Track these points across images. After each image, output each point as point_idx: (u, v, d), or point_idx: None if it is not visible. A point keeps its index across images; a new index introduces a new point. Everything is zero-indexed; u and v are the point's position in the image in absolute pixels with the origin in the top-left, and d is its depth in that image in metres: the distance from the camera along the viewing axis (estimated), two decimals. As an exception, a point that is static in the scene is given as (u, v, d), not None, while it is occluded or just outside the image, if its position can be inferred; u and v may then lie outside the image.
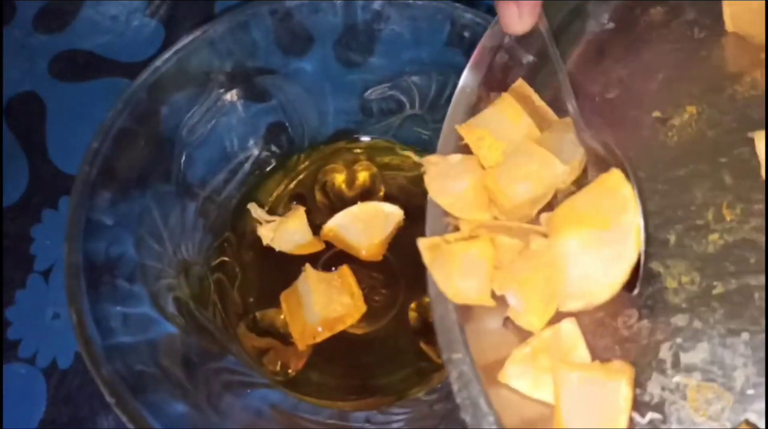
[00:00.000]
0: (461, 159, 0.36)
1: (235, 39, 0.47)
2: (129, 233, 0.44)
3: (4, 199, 0.56)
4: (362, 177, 0.52)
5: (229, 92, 0.49)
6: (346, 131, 0.53)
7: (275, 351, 0.48)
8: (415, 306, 0.48)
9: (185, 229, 0.48)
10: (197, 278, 0.48)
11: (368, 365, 0.47)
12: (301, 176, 0.53)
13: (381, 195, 0.52)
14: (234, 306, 0.49)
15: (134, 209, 0.45)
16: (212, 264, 0.50)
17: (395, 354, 0.48)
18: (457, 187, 0.35)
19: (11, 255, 0.54)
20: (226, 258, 0.50)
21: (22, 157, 0.57)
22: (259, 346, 0.48)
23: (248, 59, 0.49)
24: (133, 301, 0.43)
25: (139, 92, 0.45)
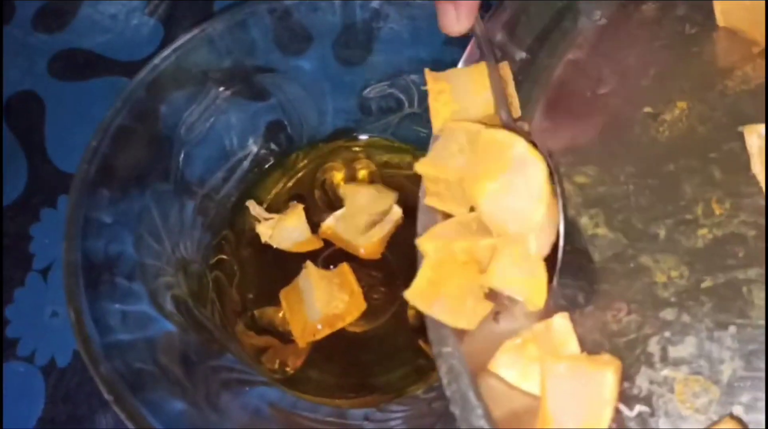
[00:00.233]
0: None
1: (234, 37, 0.47)
2: (128, 231, 0.44)
3: (4, 198, 0.56)
4: (361, 175, 0.52)
5: (228, 90, 0.49)
6: (345, 129, 0.53)
7: (274, 349, 0.48)
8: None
9: (184, 228, 0.48)
10: (196, 276, 0.48)
11: (367, 363, 0.47)
12: (300, 174, 0.53)
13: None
14: (232, 304, 0.49)
15: (133, 207, 0.45)
16: (211, 262, 0.50)
17: (394, 352, 0.48)
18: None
19: (10, 254, 0.54)
20: (225, 256, 0.50)
21: (22, 157, 0.57)
22: (258, 344, 0.48)
23: (247, 58, 0.48)
24: (132, 299, 0.43)
25: (138, 90, 0.45)
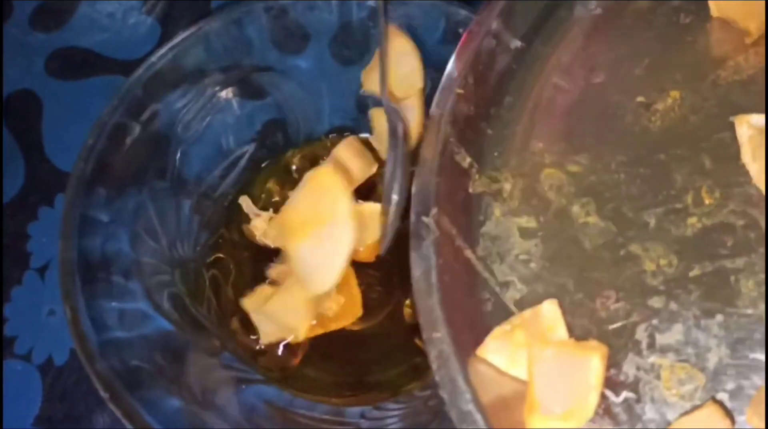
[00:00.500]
0: None
1: (231, 36, 0.47)
2: (124, 229, 0.45)
3: (2, 197, 0.56)
4: (359, 174, 0.52)
5: (225, 89, 0.49)
6: (342, 128, 0.53)
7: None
8: (410, 303, 0.48)
9: (180, 226, 0.48)
10: (192, 274, 0.48)
11: (364, 361, 0.47)
12: (297, 173, 0.53)
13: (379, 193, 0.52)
14: (229, 302, 0.49)
15: (129, 205, 0.45)
16: (207, 260, 0.49)
17: (390, 350, 0.48)
18: None
19: (8, 252, 0.54)
20: (221, 254, 0.50)
21: (19, 155, 0.57)
22: (254, 343, 0.48)
23: (244, 56, 0.49)
24: (128, 297, 0.43)
25: (135, 89, 0.45)
